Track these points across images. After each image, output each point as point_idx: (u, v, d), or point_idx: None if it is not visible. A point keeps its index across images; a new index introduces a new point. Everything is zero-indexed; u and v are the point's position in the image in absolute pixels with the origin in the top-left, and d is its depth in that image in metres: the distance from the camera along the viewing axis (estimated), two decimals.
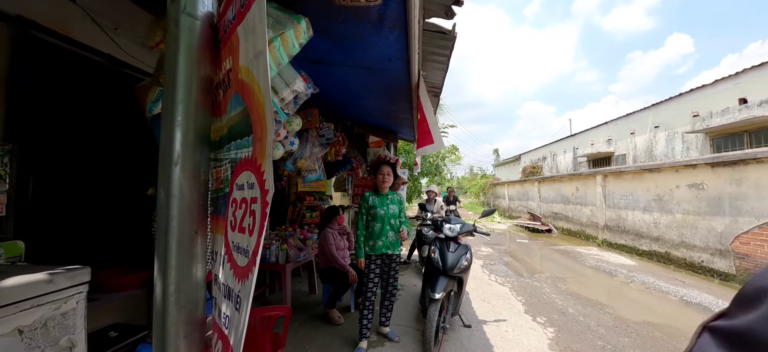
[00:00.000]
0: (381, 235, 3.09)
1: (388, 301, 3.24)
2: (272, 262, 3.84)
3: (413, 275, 5.74)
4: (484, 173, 31.63)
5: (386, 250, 3.10)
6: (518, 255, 8.18)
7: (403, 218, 3.26)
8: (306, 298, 4.40)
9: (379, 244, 3.08)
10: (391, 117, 4.74)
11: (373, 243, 3.09)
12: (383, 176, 3.15)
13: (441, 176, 12.50)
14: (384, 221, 3.10)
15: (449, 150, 12.04)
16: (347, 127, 5.69)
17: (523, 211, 16.37)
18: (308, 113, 3.42)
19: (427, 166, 10.97)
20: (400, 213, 3.24)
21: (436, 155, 11.36)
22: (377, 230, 3.08)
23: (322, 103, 4.10)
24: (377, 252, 3.08)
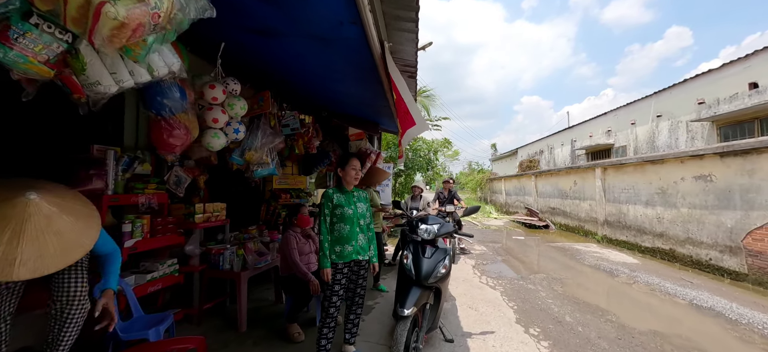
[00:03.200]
0: (351, 238, 2.60)
1: (354, 314, 2.74)
2: (226, 270, 3.34)
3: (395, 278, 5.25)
4: (481, 169, 31.13)
5: (356, 255, 2.62)
6: (513, 253, 7.71)
7: (369, 219, 2.77)
8: (270, 308, 3.91)
9: (348, 249, 2.59)
10: (367, 105, 4.24)
11: (340, 249, 2.58)
12: (355, 172, 2.66)
13: (434, 170, 12.00)
14: (353, 222, 2.62)
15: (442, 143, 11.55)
16: (323, 119, 5.19)
17: (520, 206, 15.91)
18: (259, 97, 2.92)
19: (419, 160, 10.49)
20: (367, 213, 2.75)
21: (429, 148, 10.85)
22: (346, 233, 2.59)
23: (282, 87, 3.59)
24: (346, 259, 2.59)
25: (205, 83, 2.41)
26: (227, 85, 2.57)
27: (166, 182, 3.40)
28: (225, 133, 2.59)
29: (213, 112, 2.47)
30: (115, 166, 2.87)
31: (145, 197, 3.09)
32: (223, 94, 2.49)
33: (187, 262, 3.37)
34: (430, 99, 11.12)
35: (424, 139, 11.22)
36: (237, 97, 2.62)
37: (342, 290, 2.61)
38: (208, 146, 2.60)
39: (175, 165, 3.49)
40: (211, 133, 2.54)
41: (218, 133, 2.56)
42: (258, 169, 2.99)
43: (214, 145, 2.60)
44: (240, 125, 2.66)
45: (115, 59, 1.60)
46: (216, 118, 2.46)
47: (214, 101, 2.45)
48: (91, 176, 2.67)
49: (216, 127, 2.53)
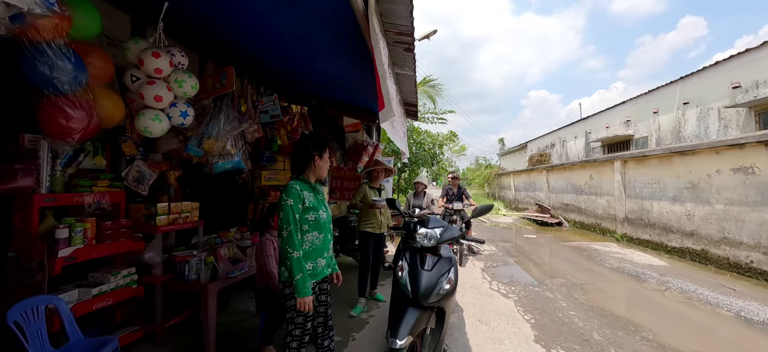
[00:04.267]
0: (323, 249, 2.05)
1: (329, 339, 2.15)
2: (192, 280, 2.85)
3: None
4: (489, 163, 30.31)
5: (328, 269, 2.11)
6: (526, 254, 7.12)
7: None
8: (249, 322, 3.42)
9: (321, 264, 2.03)
10: (358, 87, 3.69)
11: (313, 265, 2.00)
12: (327, 164, 2.11)
13: (440, 165, 11.39)
14: (326, 228, 2.07)
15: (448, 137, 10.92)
16: (314, 107, 4.66)
17: (531, 202, 15.22)
18: (221, 74, 2.39)
19: (423, 154, 9.89)
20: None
21: (434, 142, 10.25)
22: (319, 244, 2.02)
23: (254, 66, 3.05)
24: (319, 277, 2.04)
25: (146, 50, 1.89)
26: (173, 57, 2.06)
27: (123, 178, 2.92)
28: (168, 115, 2.08)
29: (155, 88, 1.96)
30: (51, 159, 2.39)
31: (93, 196, 2.61)
32: (169, 66, 1.97)
33: (149, 271, 2.88)
34: (437, 89, 10.47)
35: (429, 132, 10.65)
36: (187, 73, 2.10)
37: (320, 317, 2.09)
38: (145, 131, 2.09)
39: (136, 159, 3.01)
40: (151, 114, 2.02)
41: (159, 116, 2.03)
42: (219, 162, 2.47)
43: (153, 129, 2.09)
44: (188, 108, 2.14)
45: None
46: (159, 95, 1.94)
47: (157, 74, 1.93)
48: (16, 171, 2.18)
49: (157, 107, 2.01)
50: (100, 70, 1.66)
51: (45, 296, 2.16)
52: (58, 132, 1.45)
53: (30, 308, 2.05)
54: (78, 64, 1.48)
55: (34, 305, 2.08)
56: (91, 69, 1.58)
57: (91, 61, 1.58)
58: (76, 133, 1.49)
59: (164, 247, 3.28)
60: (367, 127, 5.44)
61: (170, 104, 2.05)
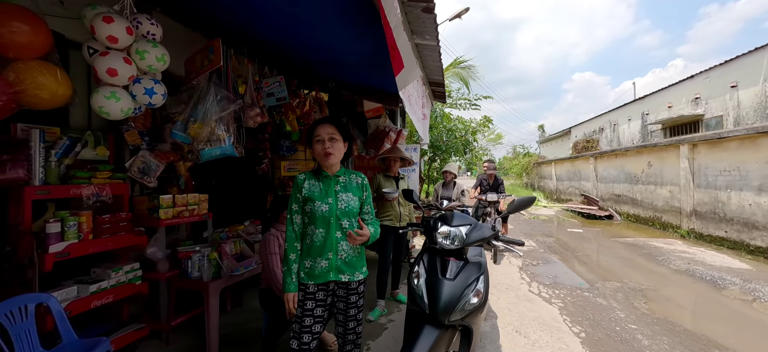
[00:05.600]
0: (325, 248, 1.70)
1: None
2: (195, 278, 2.66)
3: None
4: (527, 152, 28.51)
5: (336, 275, 1.72)
6: (571, 250, 6.36)
7: (370, 216, 1.85)
8: (259, 323, 3.19)
9: (322, 265, 1.70)
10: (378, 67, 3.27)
11: (311, 263, 1.71)
12: (322, 143, 1.74)
13: (472, 153, 10.64)
14: (329, 223, 1.71)
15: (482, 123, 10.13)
16: (331, 90, 4.32)
17: (575, 193, 13.96)
18: (208, 48, 2.09)
19: (454, 142, 9.24)
20: (362, 207, 1.83)
21: (466, 128, 9.53)
22: (318, 240, 1.70)
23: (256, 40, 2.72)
24: (319, 279, 1.71)
25: (97, 15, 1.63)
26: (139, 26, 1.78)
27: (127, 169, 2.77)
28: (131, 93, 1.80)
29: (109, 59, 1.69)
30: (44, 149, 2.26)
31: (92, 188, 2.48)
32: (127, 34, 1.68)
33: (154, 267, 2.73)
34: (470, 71, 9.67)
35: (461, 118, 9.91)
36: (151, 42, 1.81)
37: (318, 325, 1.74)
38: (100, 111, 1.84)
39: (141, 148, 2.86)
40: (105, 92, 1.76)
41: (117, 93, 1.76)
42: (206, 148, 2.20)
43: (110, 109, 1.83)
44: (156, 84, 1.85)
45: None
46: (113, 68, 1.66)
47: (110, 42, 1.66)
48: (5, 162, 2.06)
49: (113, 83, 1.74)
50: (28, 38, 1.40)
51: (34, 294, 2.03)
52: None
53: (16, 307, 1.92)
54: None
55: (22, 304, 1.95)
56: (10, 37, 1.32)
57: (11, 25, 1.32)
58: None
59: (174, 241, 3.16)
60: (391, 112, 5.02)
61: (132, 80, 1.77)
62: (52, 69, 1.52)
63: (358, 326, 1.80)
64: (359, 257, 1.78)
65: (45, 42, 1.47)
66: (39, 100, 1.49)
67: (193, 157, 2.27)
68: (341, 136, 1.77)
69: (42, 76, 1.45)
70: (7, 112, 1.36)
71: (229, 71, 2.33)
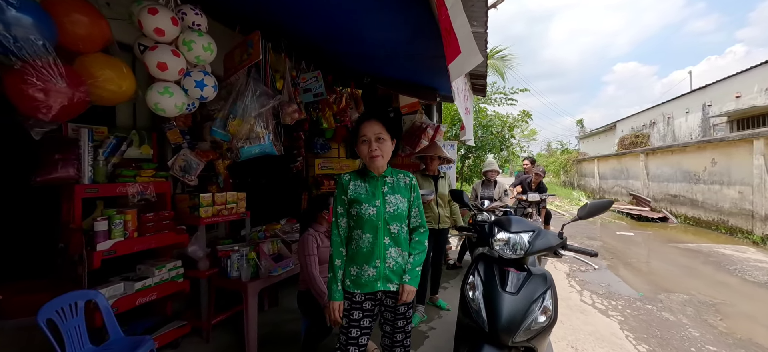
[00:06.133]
0: (373, 255, 1.54)
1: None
2: (234, 277, 2.62)
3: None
4: (565, 148, 26.93)
5: (384, 284, 1.56)
6: (621, 256, 5.82)
7: (418, 219, 1.67)
8: (295, 324, 3.12)
9: (369, 273, 1.54)
10: (415, 58, 3.09)
11: (357, 271, 1.56)
12: (369, 144, 1.58)
13: (509, 150, 10.11)
14: (377, 228, 1.55)
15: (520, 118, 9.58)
16: (367, 86, 4.18)
17: (621, 192, 12.96)
18: (247, 42, 2.01)
19: (490, 138, 8.81)
20: (411, 210, 1.66)
21: (503, 124, 9.05)
22: (365, 246, 1.55)
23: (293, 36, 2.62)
24: (366, 288, 1.56)
25: (142, 8, 1.58)
26: (184, 17, 1.72)
27: (169, 167, 2.80)
28: (183, 88, 1.75)
29: (158, 53, 1.64)
30: (92, 148, 2.30)
31: (137, 186, 2.50)
32: (173, 25, 1.62)
33: (195, 265, 2.74)
34: (506, 61, 9.14)
35: (498, 113, 9.42)
36: (197, 32, 1.74)
37: (364, 337, 1.60)
38: (156, 109, 1.80)
39: (183, 147, 2.88)
40: (159, 88, 1.71)
41: (169, 88, 1.71)
42: (245, 146, 2.12)
43: (165, 106, 1.78)
44: (206, 76, 1.78)
45: None
46: (163, 62, 1.61)
47: (157, 35, 1.61)
48: (57, 161, 2.11)
49: (165, 78, 1.68)
50: (89, 30, 1.36)
51: (83, 291, 2.06)
52: (28, 107, 1.16)
53: (67, 303, 1.95)
54: (40, 16, 1.17)
55: (73, 301, 1.98)
56: (71, 28, 1.27)
57: (70, 19, 1.28)
58: (52, 109, 1.20)
59: (213, 239, 3.17)
60: (426, 108, 4.81)
61: (183, 73, 1.72)
62: (116, 62, 1.49)
63: (406, 339, 1.63)
64: (402, 268, 1.61)
65: (104, 34, 1.44)
66: (108, 94, 1.46)
67: (233, 156, 2.21)
68: (389, 134, 1.60)
69: (108, 70, 1.42)
70: (83, 108, 1.34)
71: (267, 66, 2.25)
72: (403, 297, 1.52)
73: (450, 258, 5.05)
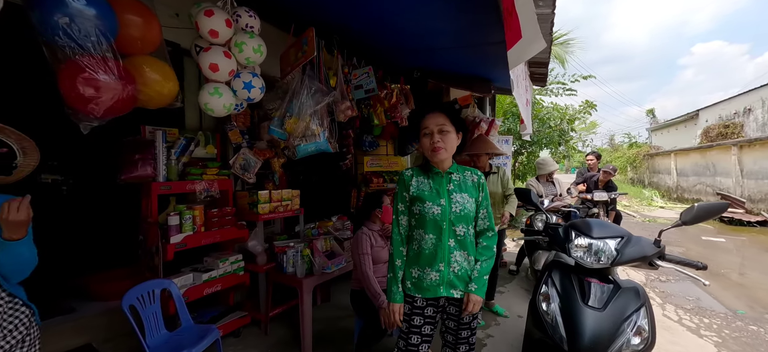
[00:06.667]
0: (436, 258, 1.43)
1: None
2: (289, 273, 2.68)
3: (521, 295, 3.80)
4: (633, 142, 24.15)
5: (448, 290, 1.44)
6: (712, 266, 5.01)
7: (486, 221, 1.52)
8: (348, 321, 3.12)
9: (431, 277, 1.43)
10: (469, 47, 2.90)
11: (419, 274, 1.46)
12: (431, 137, 1.46)
13: (568, 145, 9.26)
14: (441, 229, 1.43)
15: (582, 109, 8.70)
16: (416, 81, 4.06)
17: (705, 192, 11.29)
18: (302, 40, 2.00)
19: (548, 132, 8.12)
20: (479, 210, 1.51)
21: (562, 116, 8.29)
22: (428, 248, 1.44)
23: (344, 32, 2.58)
24: (428, 293, 1.45)
25: (199, 11, 1.63)
26: (239, 19, 1.75)
27: (230, 166, 2.95)
28: (232, 89, 1.79)
29: (211, 54, 1.70)
30: (166, 149, 2.49)
31: (204, 183, 2.67)
32: (227, 27, 1.66)
33: (254, 259, 2.86)
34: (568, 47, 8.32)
35: (556, 105, 8.64)
36: (249, 33, 1.77)
37: (425, 345, 1.50)
38: (206, 109, 1.86)
39: (242, 146, 3.03)
40: (209, 88, 1.76)
41: (219, 89, 1.75)
42: (301, 144, 2.13)
43: (214, 106, 1.83)
44: (254, 77, 1.81)
45: None
46: (214, 63, 1.66)
47: (212, 36, 1.66)
48: (137, 161, 2.31)
49: (216, 79, 1.73)
50: (143, 32, 1.42)
51: (160, 280, 2.23)
52: (79, 101, 1.21)
53: (146, 291, 2.12)
54: (104, 11, 1.22)
55: (151, 289, 2.15)
56: (128, 28, 1.33)
57: (128, 18, 1.34)
58: (102, 104, 1.24)
59: (270, 235, 3.29)
60: (479, 101, 4.55)
61: (233, 75, 1.75)
62: (162, 65, 1.56)
63: (470, 350, 1.50)
64: (468, 273, 1.47)
65: (156, 37, 1.51)
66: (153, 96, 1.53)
67: (290, 154, 2.25)
68: (454, 126, 1.47)
69: (154, 72, 1.49)
70: (130, 106, 1.42)
71: (321, 64, 2.25)
72: (469, 308, 1.39)
73: (506, 261, 4.75)
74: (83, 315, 2.42)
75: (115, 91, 1.25)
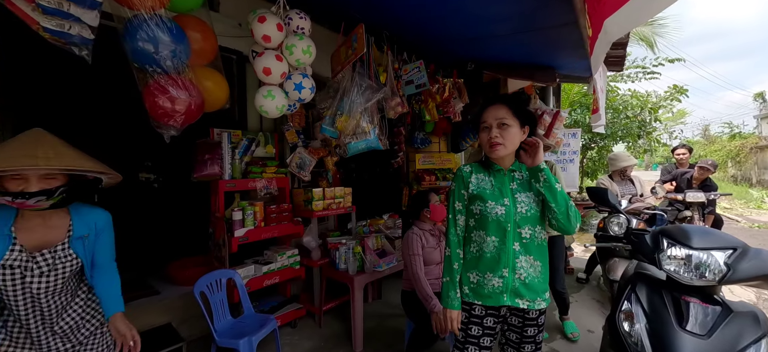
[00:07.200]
0: (499, 263, 1.30)
1: None
2: (341, 270, 2.73)
3: (592, 307, 3.40)
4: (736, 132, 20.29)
5: (512, 299, 1.30)
6: None
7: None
8: (398, 321, 3.08)
9: (493, 283, 1.30)
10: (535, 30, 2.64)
11: (479, 279, 1.34)
12: (489, 131, 1.32)
13: (649, 138, 8.05)
14: (505, 231, 1.30)
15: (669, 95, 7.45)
16: (469, 73, 3.85)
17: None
18: (352, 37, 1.99)
19: (624, 123, 7.12)
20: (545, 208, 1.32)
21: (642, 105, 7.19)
22: (490, 251, 1.31)
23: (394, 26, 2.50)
24: (489, 301, 1.33)
25: (254, 17, 1.70)
26: (290, 22, 1.80)
27: (287, 164, 3.10)
28: (284, 91, 1.84)
29: (264, 59, 1.76)
30: (230, 149, 2.69)
31: (263, 181, 2.84)
32: (278, 31, 1.71)
33: (308, 255, 2.96)
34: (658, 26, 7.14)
35: (635, 92, 7.52)
36: (298, 35, 1.79)
37: None
38: (260, 110, 1.93)
39: (298, 146, 3.16)
40: (263, 91, 1.83)
41: (272, 91, 1.81)
42: (352, 142, 2.12)
43: (268, 108, 1.89)
44: (304, 78, 1.83)
45: None
46: (267, 67, 1.71)
47: (265, 41, 1.72)
48: (207, 161, 2.53)
49: (269, 82, 1.79)
50: (202, 46, 1.52)
51: (226, 270, 2.41)
52: (162, 115, 1.35)
53: (214, 280, 2.31)
54: (178, 36, 1.34)
55: (218, 278, 2.34)
56: (193, 44, 1.44)
57: (192, 35, 1.44)
58: (180, 116, 1.37)
59: (324, 231, 3.39)
60: (541, 92, 4.17)
61: (284, 77, 1.81)
62: (215, 73, 1.67)
63: None
64: (541, 278, 1.32)
65: (214, 49, 1.62)
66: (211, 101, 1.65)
67: (341, 152, 2.28)
68: (517, 119, 1.31)
69: (209, 81, 1.60)
70: (199, 115, 1.54)
71: (371, 60, 2.23)
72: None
73: (573, 267, 4.30)
74: (166, 297, 2.73)
75: (188, 104, 1.38)
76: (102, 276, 1.31)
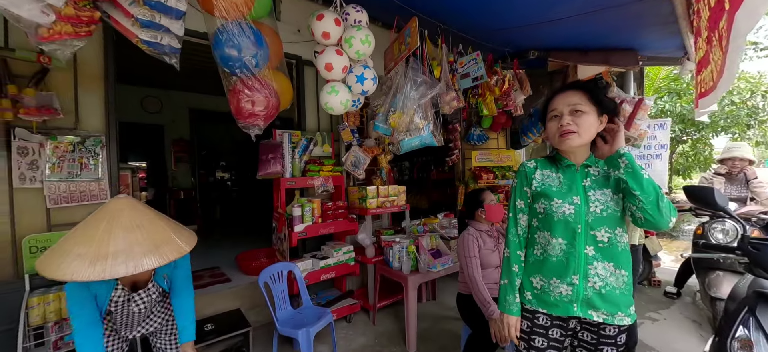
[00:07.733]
0: (568, 267, 1.15)
1: None
2: (395, 269, 2.71)
3: (684, 326, 2.90)
4: None
5: (584, 311, 1.14)
6: None
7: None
8: (453, 324, 2.96)
9: (561, 290, 1.16)
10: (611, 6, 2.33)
11: (543, 284, 1.21)
12: (559, 119, 1.16)
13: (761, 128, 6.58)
14: (575, 233, 1.14)
15: None
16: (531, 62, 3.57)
17: None
18: (405, 31, 1.94)
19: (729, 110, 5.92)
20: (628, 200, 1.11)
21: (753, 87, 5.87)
22: (556, 255, 1.17)
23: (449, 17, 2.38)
24: (555, 310, 1.19)
25: (312, 17, 1.74)
26: (347, 17, 1.80)
27: (343, 163, 3.18)
28: (347, 85, 1.84)
29: (325, 56, 1.79)
30: (291, 148, 2.84)
31: (321, 179, 2.95)
32: (336, 26, 1.72)
33: (363, 251, 3.01)
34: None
35: (744, 73, 6.18)
36: (356, 27, 1.79)
37: None
38: (326, 107, 1.95)
39: (353, 144, 3.23)
40: (327, 88, 1.85)
41: (335, 87, 1.83)
42: (405, 138, 2.06)
43: (332, 104, 1.91)
44: (365, 70, 1.82)
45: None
46: (329, 63, 1.74)
47: (325, 38, 1.74)
48: (270, 160, 2.70)
49: (331, 78, 1.81)
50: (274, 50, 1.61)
51: (286, 263, 2.56)
52: (247, 116, 1.46)
53: (276, 272, 2.46)
54: (258, 40, 1.44)
55: (280, 270, 2.49)
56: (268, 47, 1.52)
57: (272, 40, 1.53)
58: (260, 117, 1.47)
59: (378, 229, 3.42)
60: (620, 77, 3.68)
61: (346, 71, 1.82)
62: (282, 75, 1.75)
63: None
64: (625, 289, 1.13)
65: (280, 53, 1.71)
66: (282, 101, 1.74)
67: (394, 149, 2.26)
68: (594, 106, 1.14)
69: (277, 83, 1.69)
70: (276, 114, 1.65)
71: (424, 55, 2.17)
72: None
73: (659, 279, 3.73)
74: (236, 285, 3.00)
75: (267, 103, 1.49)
76: (177, 297, 1.54)
